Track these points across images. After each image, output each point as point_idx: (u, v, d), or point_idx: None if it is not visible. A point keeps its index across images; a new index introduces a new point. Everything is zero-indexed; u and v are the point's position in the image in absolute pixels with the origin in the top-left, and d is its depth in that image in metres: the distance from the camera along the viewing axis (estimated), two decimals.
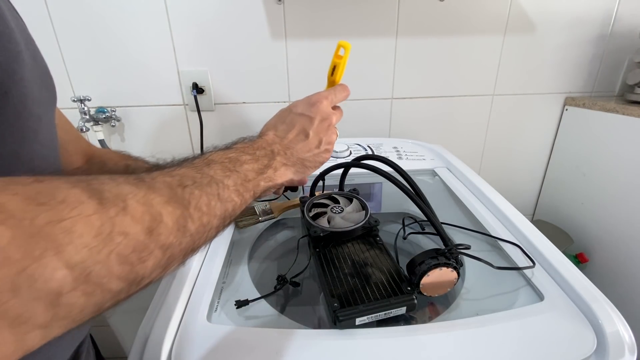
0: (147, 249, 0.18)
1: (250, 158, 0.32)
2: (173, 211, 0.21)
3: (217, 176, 0.27)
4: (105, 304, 0.17)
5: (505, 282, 0.43)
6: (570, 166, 1.00)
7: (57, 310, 0.14)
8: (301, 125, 0.38)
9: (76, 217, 0.15)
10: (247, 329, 0.35)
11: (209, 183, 0.25)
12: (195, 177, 0.25)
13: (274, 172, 0.34)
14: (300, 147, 0.38)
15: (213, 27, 0.84)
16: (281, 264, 0.54)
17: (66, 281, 0.14)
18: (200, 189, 0.24)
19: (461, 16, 0.89)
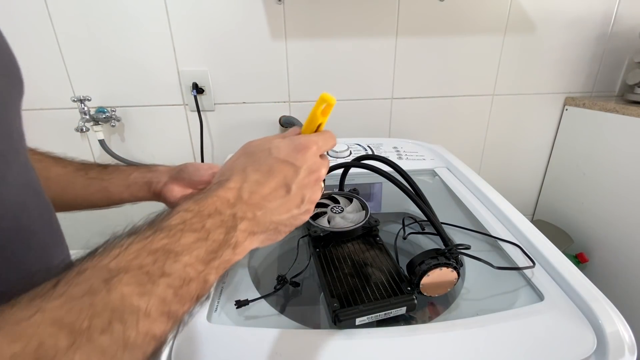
0: None
1: (196, 238, 0.21)
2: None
3: (126, 303, 0.16)
4: None
5: (505, 282, 0.43)
6: (570, 166, 1.00)
7: None
8: (282, 177, 0.27)
9: None
10: (247, 329, 0.35)
11: (108, 327, 0.15)
12: (78, 322, 0.14)
13: (232, 250, 0.23)
14: (277, 205, 0.26)
15: (213, 27, 0.84)
16: (281, 264, 0.54)
17: None
18: (86, 348, 0.14)
19: (461, 16, 0.89)
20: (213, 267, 0.21)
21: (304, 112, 0.94)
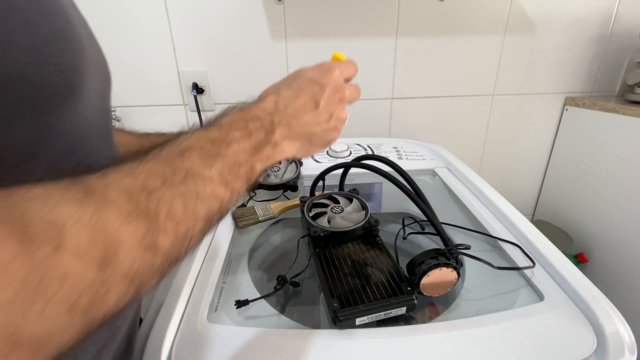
0: (103, 285, 0.14)
1: (241, 134, 0.25)
2: (135, 230, 0.16)
3: (195, 168, 0.21)
4: (64, 349, 0.14)
5: (505, 282, 0.43)
6: (570, 166, 1.00)
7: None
8: (311, 93, 0.31)
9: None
10: (247, 329, 0.35)
11: (184, 180, 0.20)
12: (165, 174, 0.20)
13: (272, 148, 0.27)
14: (309, 118, 0.30)
15: (213, 27, 0.84)
16: (281, 264, 0.54)
17: None
18: (173, 190, 0.19)
19: (461, 16, 0.89)
20: (257, 159, 0.26)
21: None
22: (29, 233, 0.12)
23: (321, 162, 0.74)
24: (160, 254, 0.18)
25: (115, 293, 0.15)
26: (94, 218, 0.15)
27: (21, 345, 0.12)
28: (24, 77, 0.18)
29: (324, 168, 0.54)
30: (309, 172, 0.67)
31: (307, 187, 0.62)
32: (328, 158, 0.76)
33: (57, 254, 0.13)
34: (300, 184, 0.66)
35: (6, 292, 0.11)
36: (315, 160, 0.75)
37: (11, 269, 0.11)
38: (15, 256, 0.12)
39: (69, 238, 0.13)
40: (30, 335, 0.12)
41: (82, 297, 0.14)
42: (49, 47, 0.19)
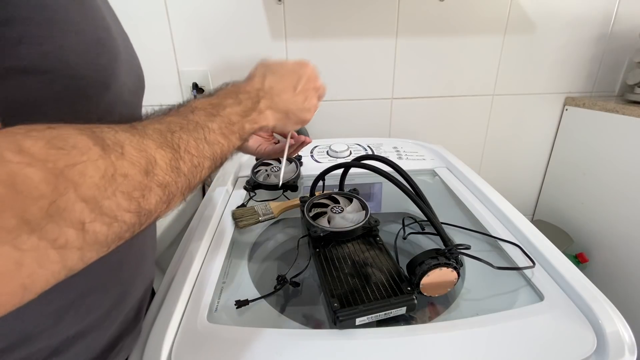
0: (147, 187, 0.21)
1: (233, 101, 0.34)
2: (165, 154, 0.23)
3: (202, 121, 0.29)
4: (125, 234, 0.20)
5: (505, 282, 0.43)
6: (570, 166, 1.00)
7: (85, 235, 0.18)
8: (291, 79, 0.40)
9: (86, 162, 0.18)
10: (247, 329, 0.35)
11: (195, 128, 0.28)
12: (182, 123, 0.27)
13: (258, 114, 0.35)
14: (288, 97, 0.39)
15: (213, 27, 0.84)
16: (281, 264, 0.54)
17: (85, 212, 0.17)
18: (188, 134, 0.27)
19: (461, 16, 0.89)
20: (246, 120, 0.34)
21: None
22: (105, 145, 0.19)
23: (321, 162, 0.74)
24: (181, 175, 0.24)
25: (155, 195, 0.22)
26: (139, 142, 0.22)
27: (101, 215, 0.18)
28: (71, 72, 0.24)
29: (324, 168, 0.54)
30: (309, 172, 0.67)
31: (307, 187, 0.62)
32: (328, 158, 0.76)
33: (121, 160, 0.20)
34: (300, 184, 0.66)
35: (94, 177, 0.18)
36: (315, 160, 0.75)
37: (96, 164, 0.18)
38: (99, 157, 0.19)
39: (127, 151, 0.20)
40: (107, 206, 0.18)
41: (135, 191, 0.20)
42: (91, 51, 0.25)
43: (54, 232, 0.16)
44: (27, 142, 0.16)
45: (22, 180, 0.15)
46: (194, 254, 0.45)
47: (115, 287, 0.32)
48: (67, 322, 0.28)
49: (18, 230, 0.15)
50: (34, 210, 0.16)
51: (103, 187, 0.18)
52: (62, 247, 0.17)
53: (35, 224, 0.16)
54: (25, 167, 0.16)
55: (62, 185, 0.17)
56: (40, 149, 0.16)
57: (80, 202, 0.17)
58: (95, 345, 0.31)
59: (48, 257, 0.16)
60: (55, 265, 0.17)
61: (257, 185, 0.65)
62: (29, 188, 0.15)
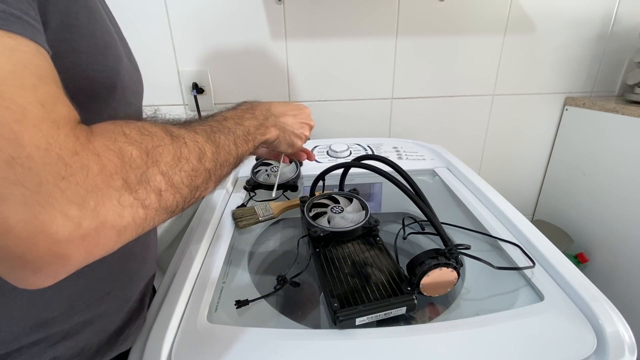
0: (198, 170, 0.27)
1: (251, 116, 0.42)
2: (210, 148, 0.30)
3: (232, 128, 0.36)
4: (179, 206, 0.25)
5: (505, 282, 0.43)
6: (570, 166, 1.00)
7: (161, 200, 0.23)
8: (293, 110, 0.51)
9: (163, 146, 0.24)
10: (247, 329, 0.35)
11: (228, 132, 0.35)
12: (219, 127, 0.34)
13: (265, 129, 0.44)
14: (287, 120, 0.50)
15: (213, 27, 0.84)
16: (281, 264, 0.54)
17: (162, 182, 0.23)
18: (224, 136, 0.34)
19: (461, 16, 0.89)
20: (258, 133, 0.42)
21: None
22: (173, 136, 0.26)
23: (321, 162, 0.74)
24: (218, 164, 0.31)
25: (202, 177, 0.28)
26: (194, 137, 0.29)
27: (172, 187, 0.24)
28: (83, 74, 0.27)
29: (324, 168, 0.54)
30: (309, 172, 0.67)
31: (307, 187, 0.62)
32: (328, 158, 0.76)
33: (184, 148, 0.26)
34: (300, 184, 0.66)
35: (168, 157, 0.24)
36: (315, 160, 0.75)
37: (169, 148, 0.25)
38: (170, 143, 0.25)
39: (187, 142, 0.27)
40: (175, 180, 0.24)
41: (192, 171, 0.26)
42: (100, 54, 0.29)
43: (143, 194, 0.22)
44: (127, 129, 0.22)
45: (127, 154, 0.21)
46: (194, 254, 0.45)
47: (123, 277, 0.36)
48: (78, 309, 0.31)
49: (122, 189, 0.20)
50: (132, 177, 0.21)
51: (174, 165, 0.24)
52: (147, 207, 0.22)
53: (132, 186, 0.21)
54: (128, 145, 0.21)
55: (150, 160, 0.22)
56: (135, 134, 0.23)
57: (160, 174, 0.23)
58: (105, 330, 0.35)
59: (138, 213, 0.21)
60: (141, 220, 0.22)
61: (257, 185, 0.65)
62: (131, 160, 0.21)
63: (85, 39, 0.27)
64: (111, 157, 0.20)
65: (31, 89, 0.18)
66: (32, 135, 0.17)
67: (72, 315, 0.31)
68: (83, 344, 0.33)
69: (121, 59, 0.32)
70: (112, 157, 0.20)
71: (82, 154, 0.19)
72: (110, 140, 0.21)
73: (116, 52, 0.31)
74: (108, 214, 0.19)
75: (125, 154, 0.21)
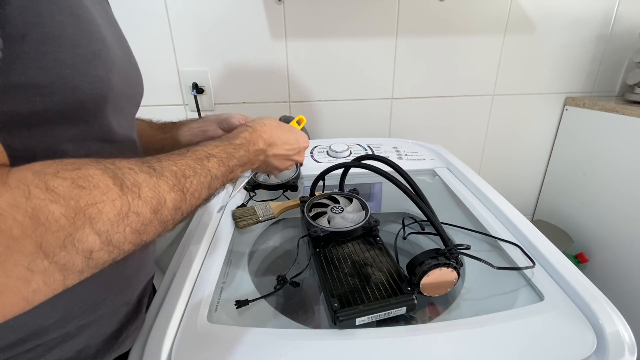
0: (151, 223, 0.24)
1: (244, 154, 0.39)
2: (175, 197, 0.27)
3: (213, 170, 0.33)
4: (119, 258, 0.23)
5: (505, 282, 0.43)
6: (570, 166, 1.00)
7: (90, 262, 0.20)
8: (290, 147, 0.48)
9: (105, 201, 0.21)
10: (247, 329, 0.35)
11: (206, 175, 0.31)
12: (196, 169, 0.30)
13: (251, 165, 0.42)
14: (279, 159, 0.47)
15: (213, 27, 0.84)
16: (281, 264, 0.54)
17: (96, 244, 0.20)
18: (198, 180, 0.30)
19: (461, 16, 0.89)
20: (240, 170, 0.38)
21: (304, 111, 0.94)
22: (124, 186, 0.22)
23: (321, 162, 0.74)
24: (179, 213, 0.28)
25: (154, 229, 0.25)
26: (155, 184, 0.25)
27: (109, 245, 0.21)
28: (68, 85, 0.25)
29: (324, 168, 0.54)
30: (309, 172, 0.67)
31: (307, 187, 0.62)
32: (328, 158, 0.76)
33: (137, 200, 0.23)
34: (300, 184, 0.66)
35: (109, 214, 0.21)
36: (315, 160, 0.75)
37: (114, 203, 0.21)
38: (117, 196, 0.21)
39: (143, 193, 0.23)
40: (115, 239, 0.21)
41: (141, 227, 0.23)
42: (87, 64, 0.27)
43: (64, 259, 0.18)
44: (55, 182, 0.19)
45: (45, 215, 0.18)
46: (194, 254, 0.45)
47: (119, 282, 0.35)
48: (74, 315, 0.31)
49: (34, 255, 0.17)
50: (51, 240, 0.18)
51: (116, 222, 0.21)
52: (67, 270, 0.19)
53: (49, 251, 0.18)
54: (49, 204, 0.18)
55: (80, 220, 0.19)
56: (65, 188, 0.19)
57: (94, 234, 0.20)
58: (102, 333, 0.34)
59: (54, 277, 0.18)
60: (58, 283, 0.19)
61: (257, 185, 0.65)
62: (50, 221, 0.18)
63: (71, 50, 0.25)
64: (19, 217, 0.17)
65: None
66: None
67: (68, 321, 0.31)
68: (80, 346, 0.33)
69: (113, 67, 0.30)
70: (21, 217, 0.17)
71: None
72: (23, 197, 0.17)
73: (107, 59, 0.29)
74: (9, 282, 0.17)
75: (41, 214, 0.17)
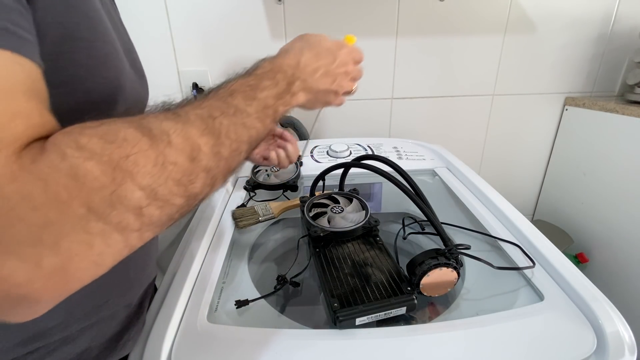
0: (193, 172, 0.23)
1: (270, 83, 0.33)
2: (208, 141, 0.25)
3: (240, 105, 0.29)
4: (175, 215, 0.22)
5: (505, 282, 0.43)
6: (570, 166, 1.00)
7: (143, 219, 0.20)
8: (325, 60, 0.40)
9: (138, 153, 0.20)
10: (247, 329, 0.35)
11: (234, 113, 0.28)
12: (222, 107, 0.28)
13: (291, 96, 0.36)
14: (319, 77, 0.39)
15: (213, 27, 0.84)
16: (281, 264, 0.54)
17: (142, 199, 0.19)
18: (228, 119, 0.27)
19: (461, 16, 0.89)
20: (280, 104, 0.34)
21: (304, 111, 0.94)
22: (152, 135, 0.21)
23: (321, 162, 0.74)
24: (222, 159, 0.26)
25: (200, 180, 0.23)
26: (184, 130, 0.23)
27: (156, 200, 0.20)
28: (82, 87, 0.26)
29: (324, 168, 0.54)
30: (309, 172, 0.67)
31: (307, 187, 0.62)
32: (328, 158, 0.76)
33: (169, 149, 0.21)
34: (300, 184, 0.66)
35: (147, 166, 0.20)
36: (315, 160, 0.75)
37: (147, 154, 0.20)
38: (148, 147, 0.20)
39: (173, 140, 0.22)
40: (161, 192, 0.20)
41: (183, 177, 0.22)
42: (101, 66, 0.27)
43: (116, 218, 0.18)
44: (83, 139, 0.18)
45: (84, 173, 0.17)
46: (194, 254, 0.45)
47: (122, 285, 0.35)
48: (76, 317, 0.31)
49: (86, 217, 0.17)
50: (97, 200, 0.18)
51: (156, 174, 0.20)
52: (124, 230, 0.19)
53: (100, 211, 0.18)
54: (84, 162, 0.17)
55: (119, 175, 0.18)
56: (95, 144, 0.18)
57: (138, 189, 0.19)
58: (103, 336, 0.34)
59: (113, 238, 0.19)
60: (120, 244, 0.19)
61: (257, 185, 0.65)
62: (91, 180, 0.17)
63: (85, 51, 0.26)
64: (61, 180, 0.17)
65: None
66: None
67: (69, 324, 0.31)
68: (81, 349, 0.32)
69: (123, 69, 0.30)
70: (63, 179, 0.17)
71: (22, 180, 0.16)
72: (59, 159, 0.17)
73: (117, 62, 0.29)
74: (73, 247, 0.17)
75: (80, 173, 0.17)
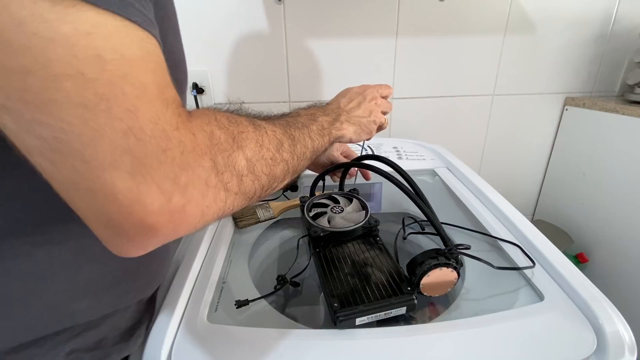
0: (276, 159, 0.29)
1: (323, 114, 0.43)
2: (287, 140, 0.32)
3: (306, 123, 0.38)
4: (257, 193, 0.27)
5: (505, 282, 0.43)
6: (570, 166, 1.00)
7: (241, 186, 0.24)
8: (357, 100, 0.50)
9: (247, 132, 0.26)
10: (247, 329, 0.35)
11: (302, 128, 0.37)
12: (293, 123, 0.36)
13: (340, 124, 0.45)
14: (357, 113, 0.49)
15: (213, 27, 0.84)
16: (281, 264, 0.54)
17: (244, 168, 0.25)
18: (298, 131, 0.35)
19: (461, 16, 0.89)
20: (333, 128, 0.43)
21: None
22: (255, 125, 0.28)
23: None
24: (294, 157, 0.32)
25: (279, 167, 0.29)
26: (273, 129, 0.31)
27: (252, 173, 0.26)
28: None
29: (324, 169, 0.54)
30: (309, 172, 0.67)
31: (307, 187, 0.62)
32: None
33: (265, 136, 0.28)
34: (300, 184, 0.66)
35: (252, 144, 0.26)
36: None
37: (252, 135, 0.27)
38: (253, 131, 0.27)
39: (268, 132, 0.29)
40: (257, 167, 0.26)
41: (271, 160, 0.28)
42: (176, 69, 0.31)
43: (227, 177, 0.23)
44: (218, 115, 0.25)
45: (217, 136, 0.23)
46: (194, 254, 0.45)
47: (142, 278, 0.37)
48: (103, 304, 0.33)
49: (210, 170, 0.22)
50: (220, 158, 0.22)
51: (257, 151, 0.26)
52: (228, 190, 0.23)
53: (220, 168, 0.22)
54: (218, 129, 0.23)
55: (236, 144, 0.24)
56: (224, 120, 0.25)
57: (244, 159, 0.25)
58: (119, 327, 0.36)
59: (220, 195, 0.22)
60: (221, 202, 0.23)
61: None
62: (219, 142, 0.23)
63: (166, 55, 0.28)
64: (204, 137, 0.22)
65: (151, 72, 0.20)
66: (147, 110, 0.19)
67: (96, 310, 0.33)
68: (101, 336, 0.34)
69: (187, 71, 0.36)
70: (204, 138, 0.22)
71: (182, 130, 0.20)
72: (205, 122, 0.23)
73: (185, 68, 0.35)
74: (195, 192, 0.20)
75: (214, 136, 0.23)
